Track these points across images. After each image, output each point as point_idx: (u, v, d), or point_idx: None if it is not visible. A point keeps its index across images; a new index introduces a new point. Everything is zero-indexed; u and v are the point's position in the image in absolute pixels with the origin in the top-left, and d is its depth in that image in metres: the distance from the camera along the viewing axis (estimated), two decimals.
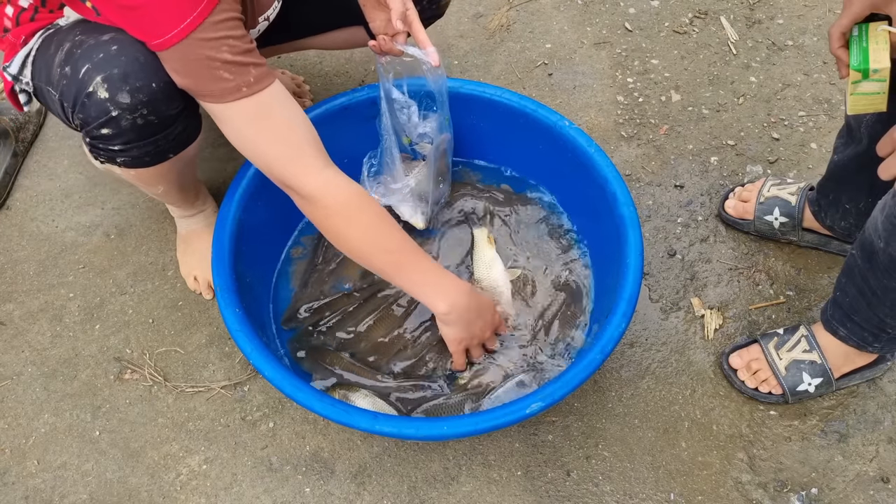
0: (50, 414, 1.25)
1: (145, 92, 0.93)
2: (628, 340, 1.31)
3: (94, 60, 0.93)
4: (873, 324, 1.09)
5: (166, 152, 1.05)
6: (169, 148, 1.04)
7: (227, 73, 0.90)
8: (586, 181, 1.24)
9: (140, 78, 0.93)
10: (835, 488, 1.16)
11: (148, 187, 1.18)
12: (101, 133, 0.96)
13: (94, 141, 0.99)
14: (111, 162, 1.04)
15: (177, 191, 1.23)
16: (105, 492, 1.18)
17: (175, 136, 1.03)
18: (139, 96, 0.93)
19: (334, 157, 1.29)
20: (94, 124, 0.95)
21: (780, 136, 1.59)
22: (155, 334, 1.33)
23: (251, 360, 1.04)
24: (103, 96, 0.92)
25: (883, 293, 1.03)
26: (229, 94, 0.92)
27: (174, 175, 1.15)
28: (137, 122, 0.95)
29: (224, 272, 1.11)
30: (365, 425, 0.98)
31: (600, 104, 1.65)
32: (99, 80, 0.92)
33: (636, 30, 1.80)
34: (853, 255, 1.06)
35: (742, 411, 1.23)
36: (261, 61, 0.95)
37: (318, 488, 1.17)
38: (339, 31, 1.36)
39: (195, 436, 1.22)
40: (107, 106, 0.93)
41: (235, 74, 0.91)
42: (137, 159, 1.03)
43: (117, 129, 0.96)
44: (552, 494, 1.16)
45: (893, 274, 0.98)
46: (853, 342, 1.15)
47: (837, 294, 1.13)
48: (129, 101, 0.93)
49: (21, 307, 1.37)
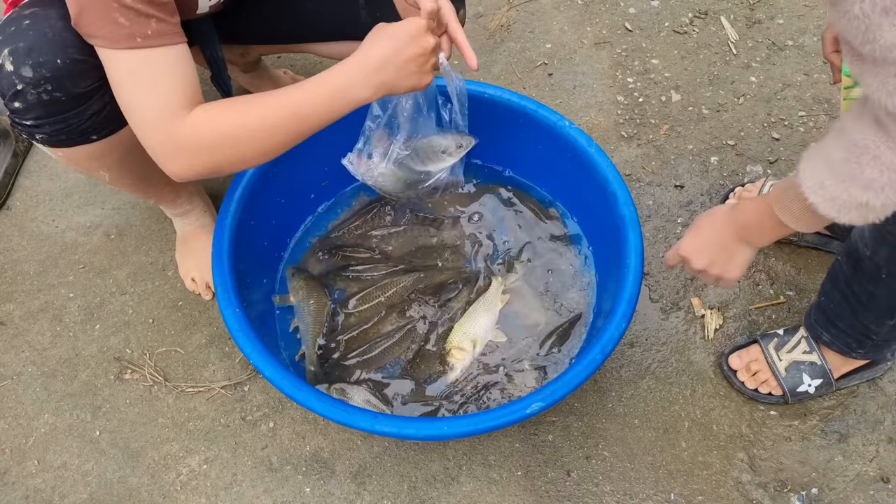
0: (50, 414, 1.25)
1: (48, 67, 0.93)
2: (628, 340, 1.31)
3: (6, 34, 0.94)
4: (857, 330, 1.10)
5: (87, 133, 1.03)
6: (88, 129, 1.02)
7: (122, 18, 0.86)
8: (586, 181, 1.24)
9: (44, 53, 0.93)
10: (835, 488, 1.16)
11: (91, 173, 1.14)
12: (14, 107, 0.96)
13: (11, 115, 0.99)
14: (31, 138, 1.03)
15: (134, 181, 1.19)
16: (105, 492, 1.18)
17: (90, 116, 1.00)
18: (42, 71, 0.93)
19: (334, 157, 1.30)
20: (6, 98, 0.96)
21: (780, 136, 1.59)
22: (155, 334, 1.33)
23: (251, 360, 1.04)
24: (9, 69, 0.93)
25: (868, 301, 1.03)
26: (121, 41, 0.87)
27: (115, 162, 1.11)
28: (43, 97, 0.95)
29: (224, 272, 1.11)
30: (365, 425, 0.98)
31: (600, 104, 1.65)
32: (6, 52, 0.93)
33: (636, 30, 1.80)
34: (839, 261, 1.07)
35: (742, 411, 1.23)
36: (168, 19, 0.90)
37: (318, 488, 1.17)
38: (341, 44, 1.34)
39: (195, 436, 1.22)
40: (13, 79, 0.94)
41: (132, 21, 0.87)
42: (53, 137, 1.01)
43: (25, 104, 0.96)
44: (552, 494, 1.16)
45: (878, 282, 0.99)
46: (837, 347, 1.15)
47: (822, 299, 1.14)
48: (31, 74, 0.93)
49: (21, 307, 1.37)
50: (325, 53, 1.40)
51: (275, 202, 1.29)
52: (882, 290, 1.00)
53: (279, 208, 1.31)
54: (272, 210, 1.28)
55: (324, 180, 1.39)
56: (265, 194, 1.25)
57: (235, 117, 0.94)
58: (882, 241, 0.95)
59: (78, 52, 0.94)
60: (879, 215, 0.78)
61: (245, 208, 1.20)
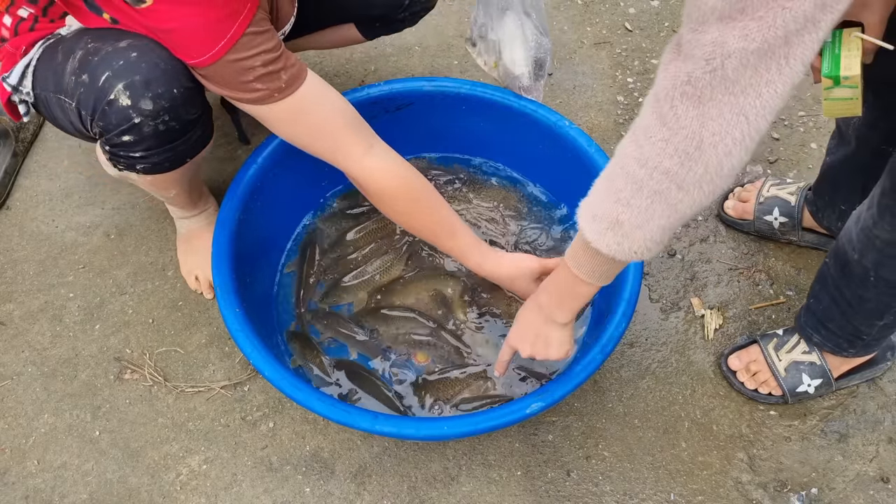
0: (50, 414, 1.25)
1: (167, 98, 0.94)
2: (628, 340, 1.31)
3: (115, 68, 0.92)
4: (848, 331, 1.10)
5: (184, 157, 1.06)
6: (187, 152, 1.05)
7: (259, 84, 0.94)
8: (587, 181, 1.23)
9: (162, 84, 0.93)
10: (835, 488, 1.16)
11: (161, 192, 1.19)
12: (123, 140, 0.96)
13: (114, 149, 0.99)
14: (130, 169, 1.04)
15: (186, 193, 1.24)
16: (105, 492, 1.18)
17: (194, 140, 1.04)
18: (161, 102, 0.94)
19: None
20: (115, 131, 0.95)
21: (780, 136, 1.59)
22: (155, 334, 1.33)
23: (251, 360, 1.04)
24: (125, 103, 0.93)
25: (857, 304, 1.03)
26: (263, 101, 0.96)
27: (186, 179, 1.17)
28: (159, 128, 0.96)
29: (224, 272, 1.11)
30: (365, 425, 0.98)
31: (600, 104, 1.65)
32: (121, 87, 0.92)
33: (636, 30, 1.80)
34: (827, 263, 1.07)
35: (742, 411, 1.23)
36: (291, 64, 0.97)
37: (318, 488, 1.17)
38: (330, 30, 1.35)
39: (195, 436, 1.22)
40: (129, 113, 0.93)
41: (267, 83, 0.94)
42: (158, 165, 1.03)
43: (139, 136, 0.96)
44: (552, 494, 1.16)
45: (867, 285, 0.99)
46: (828, 348, 1.16)
47: (811, 301, 1.14)
48: (151, 107, 0.93)
49: (21, 307, 1.37)
50: (314, 45, 1.42)
51: (275, 202, 1.29)
52: (871, 293, 1.00)
53: (279, 208, 1.32)
54: (272, 210, 1.28)
55: (323, 180, 1.39)
56: (266, 194, 1.25)
57: (404, 189, 1.10)
58: (870, 246, 0.95)
59: (189, 80, 0.96)
60: (634, 242, 0.75)
61: (245, 208, 1.20)
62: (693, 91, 0.63)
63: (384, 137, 1.17)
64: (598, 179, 0.78)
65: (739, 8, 0.57)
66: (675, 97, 0.64)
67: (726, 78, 0.61)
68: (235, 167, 1.39)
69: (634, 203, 0.72)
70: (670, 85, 0.65)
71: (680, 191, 0.69)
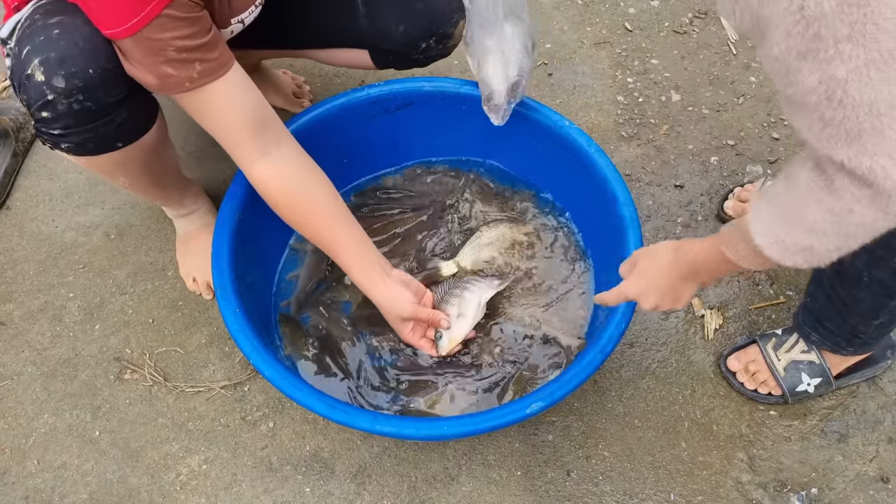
0: (50, 414, 1.25)
1: (80, 77, 0.93)
2: (628, 340, 1.31)
3: (35, 43, 0.93)
4: (845, 330, 1.10)
5: (112, 140, 1.04)
6: (115, 136, 1.03)
7: (170, 69, 0.93)
8: (586, 181, 1.24)
9: (77, 63, 0.92)
10: (835, 488, 1.16)
11: (109, 178, 1.16)
12: (42, 116, 0.96)
13: (37, 124, 0.99)
14: (56, 147, 1.03)
15: (148, 185, 1.21)
16: (105, 492, 1.18)
17: (118, 124, 1.01)
18: (74, 81, 0.93)
19: (334, 157, 1.30)
20: (34, 106, 0.95)
21: (780, 136, 1.59)
22: (155, 334, 1.33)
23: (251, 360, 1.04)
24: (40, 79, 0.93)
25: (853, 303, 1.04)
26: (173, 88, 0.95)
27: (136, 167, 1.13)
28: (74, 106, 0.95)
29: (224, 272, 1.11)
30: (365, 425, 0.98)
31: (600, 104, 1.65)
32: (36, 62, 0.92)
33: (636, 30, 1.80)
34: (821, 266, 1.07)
35: (742, 411, 1.23)
36: (212, 57, 0.95)
37: (318, 488, 1.17)
38: (345, 51, 1.33)
39: (195, 436, 1.22)
40: (43, 89, 0.93)
41: (179, 70, 0.93)
42: (80, 146, 1.02)
43: (55, 113, 0.95)
44: (552, 494, 1.16)
45: (861, 286, 0.99)
46: (827, 346, 1.16)
47: (808, 300, 1.15)
48: (64, 85, 0.93)
49: (21, 307, 1.37)
50: (324, 59, 1.39)
51: None
52: (865, 293, 1.01)
53: None
54: (272, 210, 1.28)
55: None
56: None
57: (288, 200, 1.10)
58: (861, 248, 0.95)
59: (109, 61, 0.95)
60: (823, 260, 0.77)
61: (245, 208, 1.20)
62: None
63: (384, 137, 1.17)
64: (774, 200, 0.77)
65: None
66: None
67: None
68: (235, 167, 1.39)
69: (828, 238, 0.74)
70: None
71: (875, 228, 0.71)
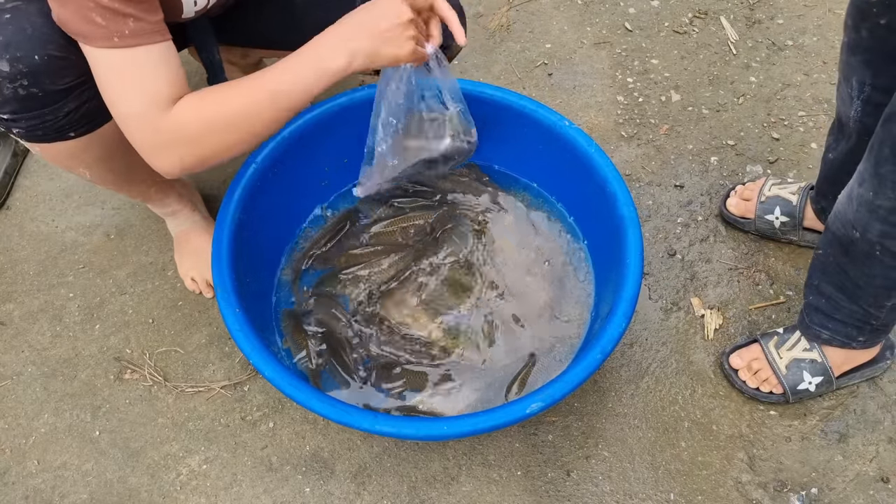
0: (50, 414, 1.26)
1: (25, 63, 0.92)
2: (628, 340, 1.31)
3: None
4: (857, 317, 1.10)
5: (64, 130, 1.02)
6: (65, 126, 1.01)
7: (98, 17, 0.88)
8: (586, 181, 1.24)
9: (23, 48, 0.92)
10: (835, 488, 1.16)
11: (71, 170, 1.14)
12: None
13: None
14: (9, 132, 1.02)
15: (116, 180, 1.19)
16: (105, 492, 1.18)
17: (66, 113, 1.00)
18: (19, 66, 0.92)
19: (334, 157, 1.30)
20: None
21: (780, 136, 1.59)
22: (155, 334, 1.33)
23: (251, 360, 1.04)
24: None
25: (865, 283, 1.04)
26: (98, 40, 0.89)
27: (95, 161, 1.11)
28: (19, 91, 0.94)
29: (224, 272, 1.11)
30: (365, 425, 0.98)
31: (600, 104, 1.65)
32: None
33: (636, 30, 1.80)
34: (825, 253, 1.08)
35: (742, 411, 1.23)
36: (146, 17, 0.91)
37: (318, 488, 1.17)
38: None
39: (195, 436, 1.22)
40: None
41: (108, 21, 0.88)
42: (29, 132, 1.00)
43: (1, 97, 0.95)
44: (552, 494, 1.16)
45: (874, 261, 0.99)
46: (838, 342, 1.16)
47: (811, 298, 1.14)
48: (8, 69, 0.92)
49: (21, 307, 1.38)
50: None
51: (275, 202, 1.29)
52: (878, 269, 1.01)
53: (279, 208, 1.31)
54: (272, 210, 1.28)
55: (323, 180, 1.39)
56: (265, 194, 1.25)
57: (216, 104, 0.96)
58: (873, 218, 0.95)
59: (57, 48, 0.93)
60: None
61: (245, 208, 1.20)
62: None
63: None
64: None
65: None
66: None
67: None
68: (235, 167, 1.38)
69: None
70: None
71: None
